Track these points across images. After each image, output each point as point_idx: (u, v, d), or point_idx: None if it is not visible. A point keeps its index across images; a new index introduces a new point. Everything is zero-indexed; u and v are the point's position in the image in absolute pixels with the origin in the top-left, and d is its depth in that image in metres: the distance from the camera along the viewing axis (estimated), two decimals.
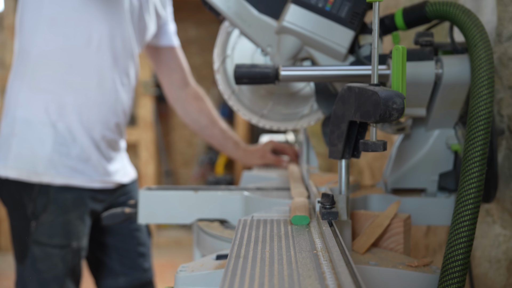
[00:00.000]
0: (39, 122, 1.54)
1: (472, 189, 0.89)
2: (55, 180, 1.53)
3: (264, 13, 1.17)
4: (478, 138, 0.92)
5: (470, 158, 0.91)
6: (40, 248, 1.51)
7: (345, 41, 1.10)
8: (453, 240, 0.88)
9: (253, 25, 1.18)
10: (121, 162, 1.74)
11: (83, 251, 1.59)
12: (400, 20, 1.13)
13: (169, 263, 3.96)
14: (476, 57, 0.97)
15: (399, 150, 1.19)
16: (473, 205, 0.88)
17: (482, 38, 0.98)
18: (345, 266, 0.62)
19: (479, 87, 0.95)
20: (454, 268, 0.85)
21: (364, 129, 0.89)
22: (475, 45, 0.98)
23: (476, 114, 0.93)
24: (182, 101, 1.93)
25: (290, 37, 1.12)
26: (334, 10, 1.09)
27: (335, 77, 1.09)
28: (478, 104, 0.94)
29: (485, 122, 0.93)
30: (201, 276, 0.77)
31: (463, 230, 0.87)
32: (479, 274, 1.28)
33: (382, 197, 1.16)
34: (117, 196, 1.71)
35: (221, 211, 1.17)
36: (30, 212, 1.52)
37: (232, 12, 1.18)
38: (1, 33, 4.47)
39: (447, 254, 0.87)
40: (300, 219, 0.86)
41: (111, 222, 1.28)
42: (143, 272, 1.79)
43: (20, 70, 1.57)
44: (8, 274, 3.73)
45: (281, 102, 1.29)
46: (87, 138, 1.58)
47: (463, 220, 0.88)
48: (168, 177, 5.47)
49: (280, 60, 1.16)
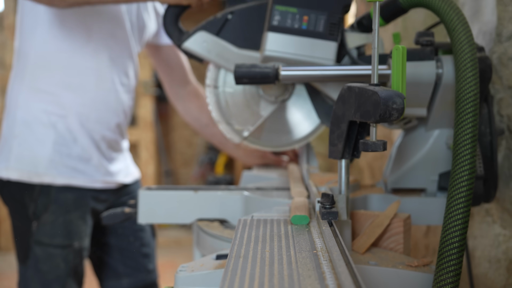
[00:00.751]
0: (39, 123, 1.54)
1: (463, 187, 0.88)
2: (56, 180, 1.53)
3: (244, 47, 1.19)
4: (467, 120, 0.91)
5: (461, 141, 0.90)
6: (42, 248, 1.51)
7: (330, 53, 1.10)
8: (446, 240, 0.87)
9: (237, 61, 1.19)
10: (123, 162, 1.74)
11: (85, 251, 1.59)
12: None
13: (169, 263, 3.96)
14: (457, 41, 0.95)
15: (399, 150, 1.19)
16: (464, 204, 0.88)
17: (460, 20, 0.96)
18: (345, 266, 0.62)
19: (463, 70, 0.93)
20: (449, 263, 0.84)
21: (364, 129, 0.89)
22: (454, 29, 0.96)
23: (463, 97, 0.92)
24: (183, 99, 1.92)
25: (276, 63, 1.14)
26: (311, 27, 1.10)
27: (335, 77, 1.09)
28: (464, 87, 0.92)
29: (473, 105, 0.91)
30: (201, 276, 0.78)
31: (456, 230, 0.87)
32: (479, 274, 1.28)
33: (382, 197, 1.15)
34: (120, 196, 1.71)
35: (221, 211, 1.17)
36: (32, 212, 1.52)
37: (213, 55, 1.20)
38: (1, 33, 4.47)
39: (441, 250, 0.87)
40: (299, 219, 0.86)
41: (111, 222, 1.28)
42: (147, 274, 1.78)
43: (20, 72, 1.58)
44: (8, 274, 3.73)
45: (266, 127, 1.30)
46: (88, 138, 1.58)
47: (456, 218, 0.87)
48: (168, 177, 5.47)
49: (272, 90, 1.18)
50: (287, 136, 1.26)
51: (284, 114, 1.26)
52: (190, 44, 1.20)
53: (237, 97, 1.25)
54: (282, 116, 1.26)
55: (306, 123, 1.25)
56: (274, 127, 1.26)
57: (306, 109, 1.25)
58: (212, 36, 1.19)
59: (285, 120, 1.26)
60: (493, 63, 1.16)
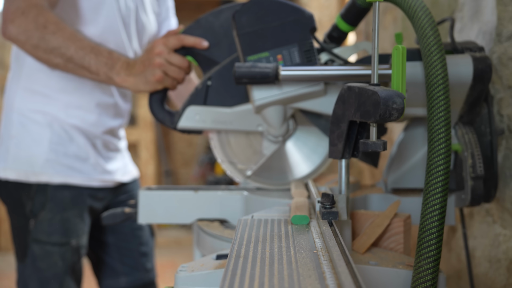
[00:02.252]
0: (35, 123, 1.55)
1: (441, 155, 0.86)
2: (53, 179, 1.54)
3: (235, 104, 1.21)
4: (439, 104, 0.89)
5: (435, 124, 0.88)
6: (40, 246, 1.52)
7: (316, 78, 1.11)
8: (424, 235, 0.86)
9: (234, 120, 1.21)
10: (121, 161, 1.75)
11: (83, 249, 1.59)
12: (343, 24, 1.16)
13: (169, 263, 3.96)
14: (419, 27, 0.93)
15: (399, 150, 1.19)
16: (441, 198, 0.86)
17: (420, 6, 0.93)
18: (345, 266, 0.62)
19: (427, 55, 0.92)
20: (427, 265, 0.84)
21: (364, 129, 0.89)
22: (415, 15, 0.93)
23: (432, 81, 0.90)
24: (184, 97, 1.93)
25: (270, 108, 1.15)
26: (288, 63, 1.11)
27: (335, 77, 1.09)
28: (432, 72, 0.90)
29: (443, 87, 0.90)
30: (201, 276, 0.78)
31: (433, 220, 0.85)
32: (479, 274, 1.28)
33: (382, 197, 1.15)
34: (118, 195, 1.72)
35: (221, 211, 1.17)
36: (29, 211, 1.53)
37: (209, 123, 1.22)
38: None
39: (419, 251, 0.86)
40: (300, 219, 0.86)
41: (111, 222, 1.28)
42: (145, 272, 1.78)
43: (16, 73, 1.59)
44: (8, 274, 3.73)
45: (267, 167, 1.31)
46: (84, 138, 1.58)
47: (433, 214, 0.86)
48: (168, 177, 5.47)
49: (275, 130, 1.20)
50: (286, 175, 1.27)
51: (284, 153, 1.27)
52: (184, 122, 1.23)
53: (240, 138, 1.28)
54: (283, 155, 1.27)
55: (305, 164, 1.27)
56: (275, 166, 1.27)
57: (306, 151, 1.27)
58: (201, 107, 1.22)
59: (286, 160, 1.27)
60: (493, 63, 1.16)
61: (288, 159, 1.27)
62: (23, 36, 1.34)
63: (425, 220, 0.86)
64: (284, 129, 1.21)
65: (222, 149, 1.27)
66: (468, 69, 1.04)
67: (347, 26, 1.16)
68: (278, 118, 1.17)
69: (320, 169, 1.27)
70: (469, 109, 1.11)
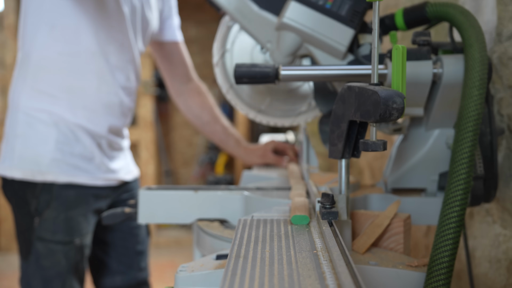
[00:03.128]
0: (42, 123, 1.55)
1: (459, 191, 0.89)
2: (58, 178, 1.55)
3: (265, 9, 1.17)
4: (466, 139, 0.92)
5: (458, 159, 0.91)
6: (43, 244, 1.53)
7: (345, 39, 1.10)
8: (439, 242, 0.88)
9: (253, 21, 1.18)
10: (124, 160, 1.76)
11: (86, 249, 1.60)
12: (400, 20, 1.13)
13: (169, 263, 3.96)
14: (470, 58, 0.97)
15: (399, 150, 1.19)
16: (460, 207, 0.89)
17: (478, 39, 0.98)
18: (345, 266, 0.62)
19: (470, 87, 0.95)
20: (440, 271, 0.85)
21: (364, 129, 0.89)
22: (470, 45, 0.98)
23: (466, 115, 0.94)
24: (185, 96, 1.94)
25: (290, 33, 1.12)
26: (335, 8, 1.09)
27: (335, 77, 1.09)
28: (468, 105, 0.94)
29: (474, 124, 0.93)
30: (201, 276, 0.77)
31: (449, 232, 0.88)
32: (479, 274, 1.28)
33: (382, 197, 1.15)
34: (120, 193, 1.73)
35: (221, 211, 1.17)
36: (34, 209, 1.53)
37: (232, 7, 1.18)
38: (1, 33, 4.46)
39: (433, 256, 0.87)
40: (300, 219, 0.85)
41: (111, 222, 1.28)
42: (139, 271, 1.79)
43: (22, 73, 1.58)
44: (8, 274, 3.73)
45: (280, 98, 1.29)
46: (89, 138, 1.59)
47: (449, 222, 0.88)
48: (168, 177, 5.47)
49: (279, 56, 1.16)
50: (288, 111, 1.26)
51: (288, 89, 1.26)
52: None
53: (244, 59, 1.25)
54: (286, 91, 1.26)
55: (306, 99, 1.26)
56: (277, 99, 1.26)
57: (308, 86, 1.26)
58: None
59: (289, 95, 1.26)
60: (493, 62, 1.16)
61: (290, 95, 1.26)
62: None
63: (442, 226, 0.88)
64: (287, 61, 1.18)
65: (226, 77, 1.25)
66: None
67: (402, 23, 1.13)
68: (290, 47, 1.14)
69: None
70: None
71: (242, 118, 4.83)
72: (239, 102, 1.27)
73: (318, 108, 1.25)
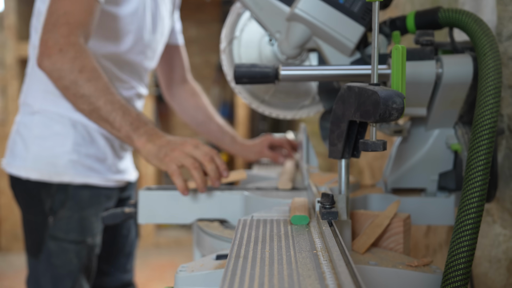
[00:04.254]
0: (60, 124, 1.55)
1: (475, 198, 0.89)
2: (74, 179, 1.56)
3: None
4: (482, 147, 0.92)
5: (474, 167, 0.91)
6: (56, 243, 1.53)
7: (355, 36, 1.10)
8: (456, 240, 0.88)
9: (265, 9, 1.17)
10: (129, 160, 1.77)
11: (97, 248, 1.61)
12: (411, 23, 1.13)
13: (169, 263, 3.96)
14: (484, 66, 0.97)
15: (399, 150, 1.19)
16: (476, 209, 0.88)
17: (491, 48, 0.98)
18: (345, 266, 0.62)
19: (485, 95, 0.95)
20: (457, 266, 0.85)
21: (364, 129, 0.89)
22: (484, 54, 0.98)
23: (481, 123, 0.93)
24: (179, 98, 1.95)
25: (300, 25, 1.12)
26: (348, 4, 1.09)
27: (335, 77, 1.09)
28: (483, 113, 0.94)
29: (490, 132, 0.93)
30: (201, 276, 0.77)
31: (466, 234, 0.88)
32: (479, 274, 1.28)
33: (382, 197, 1.16)
34: (123, 193, 1.74)
35: (221, 211, 1.17)
36: (48, 208, 1.54)
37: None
38: (1, 33, 4.46)
39: (451, 254, 0.87)
40: (299, 219, 0.86)
41: (111, 222, 1.28)
42: (124, 273, 1.80)
43: (36, 75, 1.57)
44: (8, 274, 3.72)
45: (284, 90, 1.29)
46: (104, 140, 1.60)
47: (467, 223, 0.88)
48: (168, 177, 5.47)
49: (288, 47, 1.16)
50: (293, 103, 1.26)
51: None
52: None
53: (250, 50, 1.25)
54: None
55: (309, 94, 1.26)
56: (282, 91, 1.26)
57: None
58: None
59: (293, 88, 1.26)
60: None
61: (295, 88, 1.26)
62: (56, 74, 1.30)
63: (460, 223, 0.89)
64: (294, 52, 1.17)
65: (232, 63, 1.25)
66: (468, 69, 1.04)
67: (413, 26, 1.13)
68: (299, 39, 1.14)
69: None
70: (469, 109, 1.11)
71: (242, 118, 4.84)
72: (243, 91, 1.27)
73: (321, 104, 1.25)
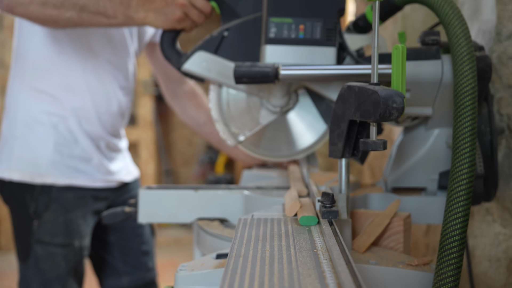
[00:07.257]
0: (40, 124, 1.54)
1: (461, 191, 0.88)
2: (58, 181, 1.54)
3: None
4: (466, 114, 0.90)
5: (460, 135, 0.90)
6: (43, 247, 1.52)
7: (329, 58, 1.10)
8: (446, 239, 0.87)
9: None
10: (123, 161, 1.75)
11: (85, 250, 1.59)
12: (371, 16, 1.14)
13: (169, 262, 3.96)
14: (452, 35, 0.95)
15: (399, 149, 1.19)
16: (464, 202, 0.87)
17: (455, 14, 0.95)
18: (345, 265, 0.62)
19: (459, 64, 0.93)
20: (448, 273, 0.85)
21: (364, 128, 0.89)
22: (449, 23, 0.95)
23: (461, 91, 0.92)
24: (180, 98, 1.93)
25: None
26: (308, 35, 1.10)
27: (335, 76, 1.09)
28: (461, 81, 0.92)
29: (471, 98, 0.91)
30: (201, 275, 0.78)
31: (456, 228, 0.87)
32: (479, 273, 1.28)
33: (382, 196, 1.15)
34: (120, 194, 1.72)
35: (221, 210, 1.17)
36: (32, 211, 1.52)
37: (213, 73, 1.20)
38: (1, 32, 4.46)
39: (440, 254, 0.87)
40: (308, 220, 0.85)
41: (111, 221, 1.28)
42: (146, 271, 1.78)
43: (19, 72, 1.57)
44: (8, 274, 3.73)
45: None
46: (88, 139, 1.58)
47: (455, 217, 0.87)
48: (168, 176, 5.46)
49: (276, 100, 1.19)
50: (289, 146, 1.26)
51: (286, 124, 1.26)
52: (190, 65, 1.20)
53: (239, 101, 1.26)
54: (285, 126, 1.26)
55: (309, 133, 1.26)
56: (276, 136, 1.26)
57: (310, 120, 1.25)
58: (210, 55, 1.20)
59: (288, 130, 1.26)
60: (492, 62, 1.16)
61: (290, 130, 1.26)
62: (32, 7, 1.25)
63: (447, 224, 0.87)
64: (284, 101, 1.19)
65: (219, 107, 1.25)
66: None
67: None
68: (282, 88, 1.16)
69: (325, 138, 1.25)
70: None
71: None
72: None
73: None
